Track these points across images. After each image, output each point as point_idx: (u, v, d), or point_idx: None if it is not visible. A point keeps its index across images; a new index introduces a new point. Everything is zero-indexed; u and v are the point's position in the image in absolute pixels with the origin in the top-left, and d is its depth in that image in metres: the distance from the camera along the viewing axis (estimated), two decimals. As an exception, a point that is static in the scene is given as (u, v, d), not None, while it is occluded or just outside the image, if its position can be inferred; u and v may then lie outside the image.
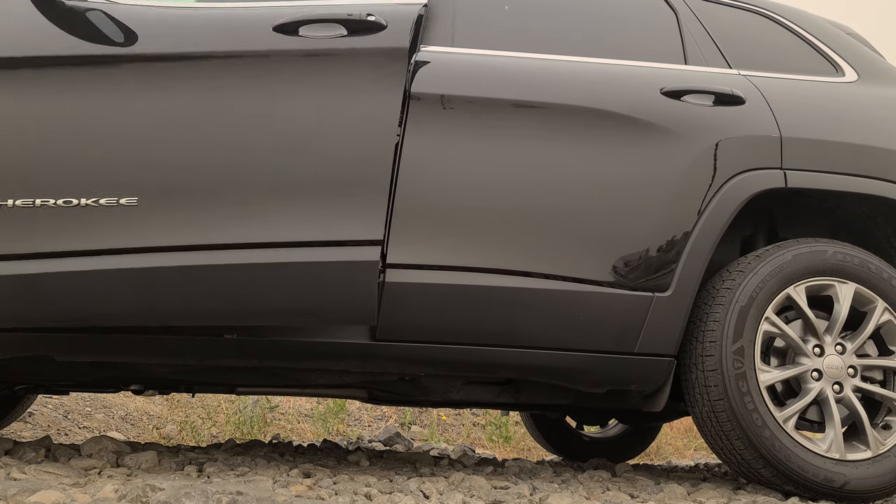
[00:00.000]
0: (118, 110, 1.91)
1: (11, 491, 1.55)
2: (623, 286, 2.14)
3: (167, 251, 1.87)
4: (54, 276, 1.84)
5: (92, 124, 1.90)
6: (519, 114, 2.21)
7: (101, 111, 1.91)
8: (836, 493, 2.06)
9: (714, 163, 2.22)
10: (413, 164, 2.10)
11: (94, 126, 1.90)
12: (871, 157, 2.32)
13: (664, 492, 2.13)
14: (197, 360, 2.09)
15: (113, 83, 1.93)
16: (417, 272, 2.07)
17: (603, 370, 2.17)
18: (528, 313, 2.10)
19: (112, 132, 1.90)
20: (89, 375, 2.27)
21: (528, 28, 2.47)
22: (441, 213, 2.11)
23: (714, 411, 2.11)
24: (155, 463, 2.02)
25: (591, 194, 2.18)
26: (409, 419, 5.63)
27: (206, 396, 5.31)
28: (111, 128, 1.90)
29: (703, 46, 2.49)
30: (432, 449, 4.20)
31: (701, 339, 2.16)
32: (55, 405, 4.50)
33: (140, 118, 1.91)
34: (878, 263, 2.24)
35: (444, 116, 2.15)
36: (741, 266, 2.22)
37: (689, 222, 2.18)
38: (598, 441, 3.64)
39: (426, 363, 2.14)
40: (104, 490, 1.59)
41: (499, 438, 5.31)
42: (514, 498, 1.88)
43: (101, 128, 1.90)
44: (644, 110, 2.24)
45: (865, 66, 2.58)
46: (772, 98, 2.34)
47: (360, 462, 2.47)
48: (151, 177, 1.89)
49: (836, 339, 2.18)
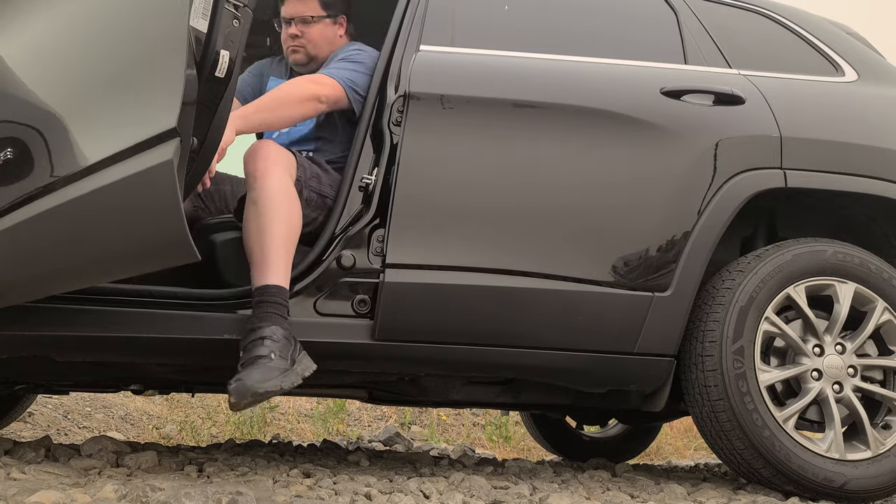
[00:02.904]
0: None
1: (11, 491, 1.55)
2: (623, 286, 2.14)
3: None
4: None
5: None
6: (518, 113, 2.21)
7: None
8: (835, 493, 2.06)
9: (714, 162, 2.22)
10: (412, 164, 2.10)
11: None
12: (871, 157, 2.32)
13: (664, 492, 2.13)
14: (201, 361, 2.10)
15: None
16: (417, 272, 2.07)
17: (603, 370, 2.17)
18: (528, 313, 2.10)
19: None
20: (89, 375, 2.27)
21: (527, 28, 2.47)
22: (440, 213, 2.11)
23: (714, 411, 2.11)
24: (155, 463, 2.02)
25: (591, 194, 2.18)
26: (409, 419, 5.62)
27: (205, 396, 5.30)
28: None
29: (702, 46, 2.49)
30: (432, 449, 4.20)
31: (701, 339, 2.15)
32: (55, 405, 4.50)
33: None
34: (878, 263, 2.24)
35: (444, 116, 2.15)
36: (741, 266, 2.22)
37: (689, 222, 2.18)
38: (598, 441, 3.64)
39: (426, 363, 2.14)
40: (104, 490, 1.58)
41: (499, 438, 5.31)
42: (514, 498, 1.88)
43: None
44: (644, 110, 2.24)
45: (865, 66, 2.58)
46: (771, 98, 2.34)
47: (360, 462, 2.47)
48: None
49: (835, 338, 2.18)
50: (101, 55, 1.59)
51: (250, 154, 2.07)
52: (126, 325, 1.96)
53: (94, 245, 1.57)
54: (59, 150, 1.52)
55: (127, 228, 1.55)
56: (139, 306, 1.97)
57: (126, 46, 1.56)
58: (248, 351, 1.78)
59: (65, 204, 1.50)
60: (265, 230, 1.95)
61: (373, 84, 2.26)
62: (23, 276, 1.64)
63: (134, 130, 1.48)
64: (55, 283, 1.69)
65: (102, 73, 1.57)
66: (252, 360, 1.74)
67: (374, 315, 2.05)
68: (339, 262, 2.07)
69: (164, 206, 1.49)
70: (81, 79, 1.57)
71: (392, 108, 2.15)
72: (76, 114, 1.53)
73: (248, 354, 1.77)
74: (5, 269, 1.60)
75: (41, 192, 1.52)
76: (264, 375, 1.65)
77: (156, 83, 1.50)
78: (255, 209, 1.99)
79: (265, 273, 1.93)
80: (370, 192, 2.11)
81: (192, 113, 1.57)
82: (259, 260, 1.94)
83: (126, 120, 1.50)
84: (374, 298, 2.06)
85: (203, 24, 1.61)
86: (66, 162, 1.51)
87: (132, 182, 1.47)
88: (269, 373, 1.67)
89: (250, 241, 1.98)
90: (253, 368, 1.69)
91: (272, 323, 1.83)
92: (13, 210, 1.54)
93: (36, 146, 1.54)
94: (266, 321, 1.84)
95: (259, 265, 1.94)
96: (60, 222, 1.53)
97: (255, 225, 1.97)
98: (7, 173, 1.54)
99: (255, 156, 2.05)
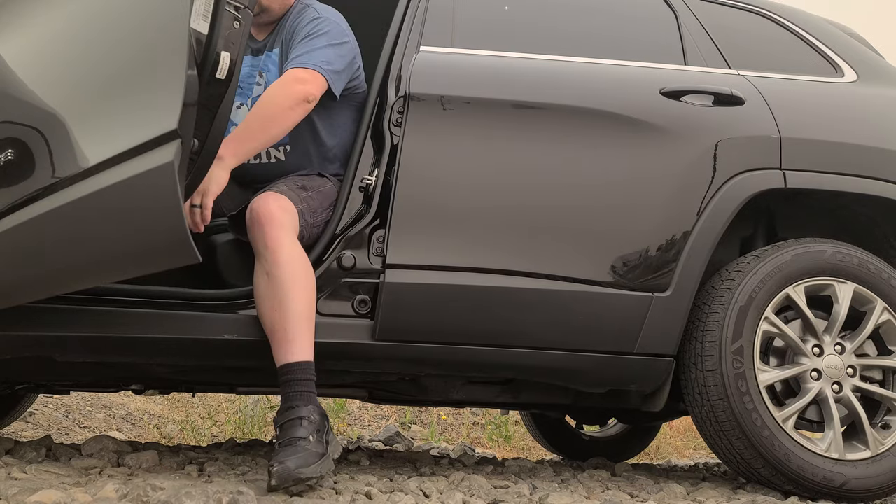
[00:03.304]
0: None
1: (12, 491, 1.55)
2: (622, 286, 2.14)
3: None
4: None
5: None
6: (518, 114, 2.22)
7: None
8: (835, 493, 2.06)
9: (713, 163, 2.22)
10: (413, 164, 2.11)
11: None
12: (870, 158, 2.32)
13: (664, 491, 2.13)
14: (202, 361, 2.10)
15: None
16: (417, 272, 2.07)
17: (602, 370, 2.17)
18: (528, 313, 2.10)
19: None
20: (90, 375, 2.28)
21: (526, 28, 2.47)
22: (441, 214, 2.11)
23: (713, 411, 2.11)
24: (155, 462, 2.02)
25: (591, 195, 2.18)
26: (409, 419, 5.63)
27: (206, 396, 5.31)
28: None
29: (702, 46, 2.49)
30: (432, 448, 4.20)
31: (700, 339, 2.16)
32: (56, 405, 4.50)
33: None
34: (877, 263, 2.24)
35: (444, 117, 2.15)
36: (740, 266, 2.22)
37: (689, 222, 2.18)
38: (597, 441, 3.64)
39: (426, 363, 2.15)
40: (105, 490, 1.59)
41: (499, 438, 5.31)
42: (514, 497, 1.88)
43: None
44: (643, 111, 2.24)
45: (865, 66, 2.58)
46: (771, 98, 2.34)
47: (361, 461, 2.48)
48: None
49: (835, 338, 2.18)
50: (102, 56, 1.59)
51: (256, 220, 1.96)
52: (127, 326, 1.97)
53: (95, 246, 1.58)
54: (60, 151, 1.53)
55: (128, 229, 1.55)
56: (140, 307, 1.98)
57: (126, 48, 1.56)
58: (286, 430, 1.79)
59: (66, 205, 1.50)
60: (286, 307, 1.89)
61: (373, 85, 2.27)
62: (24, 276, 1.64)
63: (135, 132, 1.48)
64: (56, 284, 1.70)
65: (103, 75, 1.57)
66: (291, 441, 1.75)
67: (375, 315, 2.05)
68: (340, 263, 2.07)
69: (165, 207, 1.49)
70: (82, 80, 1.58)
71: (392, 109, 2.15)
72: (77, 115, 1.53)
73: (286, 434, 1.78)
74: (7, 269, 1.60)
75: (42, 193, 1.52)
76: (305, 461, 1.70)
77: (156, 85, 1.50)
78: (270, 283, 1.91)
79: (291, 351, 1.88)
80: (370, 192, 2.12)
81: (192, 114, 1.57)
82: (282, 337, 1.89)
83: (127, 121, 1.50)
84: (374, 299, 2.06)
85: (204, 26, 1.61)
86: (67, 163, 1.51)
87: (133, 183, 1.47)
88: (309, 458, 1.71)
89: (269, 317, 1.91)
90: (294, 452, 1.71)
91: (308, 402, 1.83)
92: (14, 211, 1.55)
93: (37, 147, 1.54)
94: (301, 401, 1.83)
95: (283, 343, 1.89)
96: (61, 223, 1.53)
97: (273, 301, 1.90)
98: (8, 174, 1.55)
99: (262, 222, 1.95)
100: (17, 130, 1.55)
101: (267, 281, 1.92)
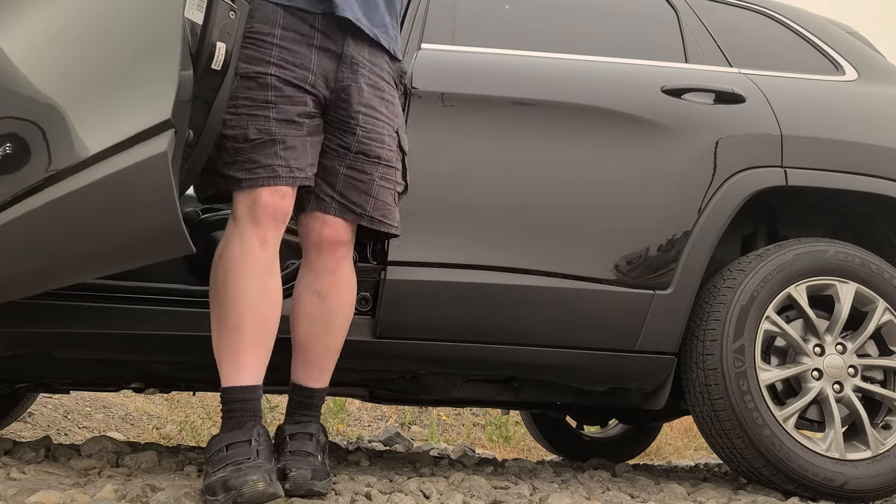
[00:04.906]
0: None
1: (11, 491, 1.54)
2: (624, 284, 2.14)
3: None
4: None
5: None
6: (519, 112, 2.21)
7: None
8: (835, 493, 2.06)
9: (714, 161, 2.22)
10: (413, 161, 2.09)
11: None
12: (871, 156, 2.32)
13: (664, 492, 2.12)
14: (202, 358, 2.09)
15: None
16: (418, 269, 2.07)
17: (603, 368, 2.16)
18: (529, 311, 2.10)
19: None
20: (90, 373, 2.27)
21: (528, 26, 2.47)
22: (442, 211, 2.11)
23: (714, 410, 2.10)
24: (155, 463, 2.02)
25: (592, 192, 2.18)
26: (409, 419, 5.62)
27: (206, 396, 5.30)
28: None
29: (703, 45, 2.49)
30: (432, 449, 4.20)
31: (702, 338, 2.15)
32: (55, 405, 4.50)
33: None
34: (879, 263, 2.24)
35: (445, 114, 2.15)
36: (742, 265, 2.22)
37: (690, 220, 2.18)
38: (598, 441, 3.64)
39: (427, 361, 2.14)
40: (104, 490, 1.58)
41: (499, 438, 5.31)
42: (515, 498, 1.88)
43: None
44: (645, 108, 2.24)
45: (866, 65, 2.58)
46: (772, 96, 2.34)
47: (360, 462, 2.47)
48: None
49: (836, 338, 2.18)
50: (94, 46, 1.58)
51: (327, 241, 1.81)
52: (128, 322, 1.96)
53: (89, 239, 1.57)
54: (56, 144, 1.52)
55: (122, 221, 1.54)
56: (141, 303, 1.97)
57: (120, 37, 1.55)
58: (297, 441, 1.80)
59: (60, 198, 1.49)
60: (331, 334, 1.83)
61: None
62: (20, 271, 1.63)
63: (128, 123, 1.47)
64: (52, 278, 1.69)
65: (95, 65, 1.56)
66: (304, 454, 1.76)
67: (376, 313, 2.05)
68: (341, 261, 2.06)
69: (159, 198, 1.48)
70: (74, 70, 1.57)
71: (393, 107, 2.15)
72: (70, 107, 1.52)
73: (297, 445, 1.79)
74: (4, 264, 1.60)
75: (38, 186, 1.52)
76: (317, 475, 1.71)
77: (150, 75, 1.49)
78: (325, 308, 1.82)
79: (321, 377, 1.86)
80: (371, 190, 2.11)
81: (187, 105, 1.56)
82: (318, 364, 1.85)
83: (120, 112, 1.49)
84: (375, 296, 2.06)
85: (199, 16, 1.60)
86: (62, 156, 1.50)
87: (127, 175, 1.46)
88: (319, 473, 1.72)
89: (307, 337, 1.83)
90: (308, 464, 1.73)
91: (317, 422, 1.86)
92: (10, 205, 1.54)
93: (33, 141, 1.53)
94: (314, 420, 1.86)
95: (315, 368, 1.85)
96: (56, 217, 1.52)
97: (319, 324, 1.82)
98: (4, 169, 1.54)
99: (334, 246, 1.82)
100: (14, 125, 1.54)
101: (318, 301, 1.82)
